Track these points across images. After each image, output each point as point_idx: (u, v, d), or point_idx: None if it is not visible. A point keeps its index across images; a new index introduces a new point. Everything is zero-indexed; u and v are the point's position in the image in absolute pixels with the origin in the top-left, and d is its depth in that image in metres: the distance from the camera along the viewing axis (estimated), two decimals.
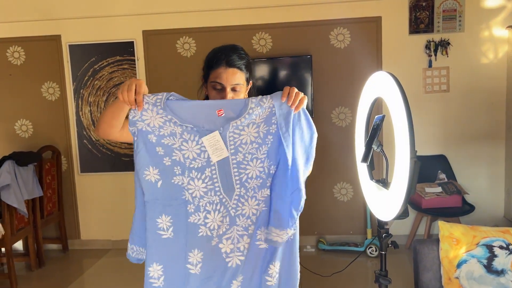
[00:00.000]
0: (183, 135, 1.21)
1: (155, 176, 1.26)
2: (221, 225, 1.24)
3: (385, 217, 1.37)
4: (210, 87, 1.45)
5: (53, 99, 4.16)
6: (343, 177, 4.02)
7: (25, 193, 3.52)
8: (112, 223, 4.27)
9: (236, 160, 1.23)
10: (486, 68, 3.81)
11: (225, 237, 1.25)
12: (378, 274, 1.44)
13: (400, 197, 1.24)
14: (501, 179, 3.92)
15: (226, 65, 1.41)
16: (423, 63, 3.83)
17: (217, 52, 1.46)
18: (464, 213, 3.54)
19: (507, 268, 2.11)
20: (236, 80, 1.41)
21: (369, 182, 1.52)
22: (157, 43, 4.02)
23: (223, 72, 1.40)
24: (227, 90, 1.40)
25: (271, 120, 1.23)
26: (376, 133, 1.38)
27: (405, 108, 1.19)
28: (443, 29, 3.78)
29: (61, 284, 3.52)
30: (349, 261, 3.42)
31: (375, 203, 1.46)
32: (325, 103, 3.96)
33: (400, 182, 1.24)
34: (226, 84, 1.40)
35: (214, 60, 1.44)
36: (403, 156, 1.22)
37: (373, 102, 1.47)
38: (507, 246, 2.15)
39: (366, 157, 1.40)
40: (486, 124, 3.87)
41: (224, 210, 1.25)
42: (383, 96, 1.34)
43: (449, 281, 2.19)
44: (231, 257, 1.26)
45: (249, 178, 1.24)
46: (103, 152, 4.17)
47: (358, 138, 1.59)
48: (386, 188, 1.35)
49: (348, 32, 3.86)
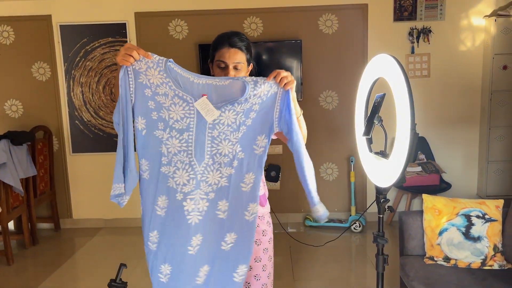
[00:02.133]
0: (174, 99, 1.37)
1: (142, 125, 1.41)
2: (187, 184, 1.41)
3: (384, 184, 1.55)
4: (215, 66, 1.62)
5: (44, 79, 4.17)
6: (329, 158, 4.22)
7: (21, 172, 3.57)
8: (104, 202, 4.34)
9: (211, 134, 1.40)
10: (464, 55, 4.05)
11: (189, 197, 1.42)
12: (376, 234, 1.62)
13: (400, 165, 1.42)
14: (475, 159, 4.20)
15: (228, 45, 1.59)
16: (406, 49, 4.04)
17: (221, 35, 1.65)
18: (441, 190, 3.80)
19: (483, 235, 2.35)
20: (237, 59, 1.59)
21: (368, 154, 1.69)
22: (149, 25, 4.08)
23: (226, 51, 1.59)
24: (230, 67, 1.58)
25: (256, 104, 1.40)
26: (377, 109, 1.55)
27: (407, 85, 1.36)
28: (425, 17, 3.98)
29: (56, 261, 3.60)
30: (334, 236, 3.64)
31: (374, 172, 1.63)
32: (313, 86, 4.12)
33: (400, 151, 1.41)
34: (229, 62, 1.58)
35: (219, 42, 1.62)
36: (404, 128, 1.39)
37: (374, 82, 1.63)
38: (483, 215, 2.38)
39: (368, 131, 1.56)
40: (462, 108, 4.13)
41: (192, 172, 1.41)
42: (385, 76, 1.50)
43: (431, 247, 2.41)
44: (191, 216, 1.43)
45: (218, 153, 1.41)
46: (95, 132, 4.22)
47: (358, 115, 1.75)
48: (386, 158, 1.52)
49: (336, 18, 4.02)
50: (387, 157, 1.52)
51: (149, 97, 1.37)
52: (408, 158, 1.37)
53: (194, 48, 4.06)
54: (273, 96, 1.40)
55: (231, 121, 1.38)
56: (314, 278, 3.18)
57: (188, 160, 1.40)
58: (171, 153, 1.40)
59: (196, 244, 1.44)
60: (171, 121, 1.38)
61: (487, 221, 2.37)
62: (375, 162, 1.63)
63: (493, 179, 4.06)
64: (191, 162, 1.40)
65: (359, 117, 1.75)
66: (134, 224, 4.34)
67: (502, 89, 3.93)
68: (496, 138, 4.00)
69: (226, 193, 1.43)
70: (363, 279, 3.25)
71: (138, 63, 1.36)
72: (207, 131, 1.39)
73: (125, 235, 4.17)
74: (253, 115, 1.40)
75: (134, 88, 1.38)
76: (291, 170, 4.23)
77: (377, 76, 1.59)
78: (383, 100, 1.55)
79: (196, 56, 4.06)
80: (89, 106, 4.19)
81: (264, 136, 1.42)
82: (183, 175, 1.41)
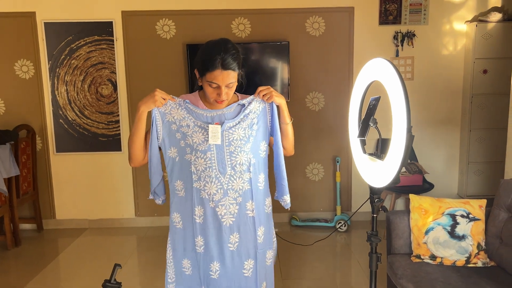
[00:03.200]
0: (194, 128, 1.67)
1: (174, 153, 1.71)
2: (216, 193, 1.68)
3: (378, 185, 1.59)
4: (207, 85, 1.63)
5: (27, 77, 4.09)
6: (315, 158, 4.28)
7: (4, 171, 3.50)
8: (89, 202, 4.29)
9: (229, 150, 1.67)
10: (446, 59, 4.17)
11: (220, 204, 1.69)
12: (370, 233, 1.66)
13: (395, 166, 1.46)
14: (455, 161, 4.33)
15: (221, 68, 1.58)
16: (391, 52, 4.13)
17: (213, 54, 1.59)
18: (424, 190, 3.90)
19: (467, 233, 2.43)
20: (230, 80, 1.61)
21: (362, 155, 1.73)
22: (136, 24, 4.05)
23: (219, 75, 1.59)
24: (222, 87, 1.61)
25: (255, 118, 1.71)
26: (372, 111, 1.59)
27: (403, 88, 1.40)
28: (410, 21, 4.08)
29: (40, 262, 3.54)
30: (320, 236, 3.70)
31: (368, 173, 1.68)
32: (300, 88, 4.17)
33: (395, 152, 1.45)
34: (222, 84, 1.60)
35: (211, 63, 1.58)
36: (400, 130, 1.44)
37: (368, 85, 1.67)
38: (467, 215, 2.46)
39: (363, 133, 1.60)
40: (444, 110, 4.25)
41: (219, 183, 1.68)
42: (380, 79, 1.54)
43: (418, 246, 2.48)
44: (225, 218, 1.70)
45: (238, 164, 1.68)
46: (79, 132, 4.16)
47: (352, 117, 1.79)
48: (381, 159, 1.57)
49: (323, 20, 4.08)
50: (382, 158, 1.56)
51: (175, 130, 1.68)
52: (404, 159, 1.42)
53: (182, 48, 4.05)
54: (264, 109, 1.71)
55: (241, 136, 1.68)
56: (302, 277, 3.22)
57: (214, 174, 1.66)
58: (199, 171, 1.67)
59: (235, 241, 1.71)
60: (195, 145, 1.65)
61: (471, 220, 2.45)
62: (369, 163, 1.67)
63: (473, 180, 4.19)
64: (217, 175, 1.66)
65: (353, 119, 1.79)
66: (119, 224, 4.30)
67: (482, 93, 4.06)
68: (476, 140, 4.13)
69: (250, 194, 1.71)
70: (349, 277, 3.31)
71: (164, 106, 1.67)
72: (225, 148, 1.66)
73: (110, 236, 4.13)
74: (256, 127, 1.70)
75: (162, 127, 1.69)
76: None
77: (372, 79, 1.63)
78: (378, 103, 1.59)
79: (183, 56, 4.05)
80: (74, 105, 4.13)
81: (264, 141, 1.74)
82: (212, 187, 1.67)
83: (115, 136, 4.17)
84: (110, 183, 4.26)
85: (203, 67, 1.61)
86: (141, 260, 3.65)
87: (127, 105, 4.15)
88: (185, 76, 4.10)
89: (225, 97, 1.64)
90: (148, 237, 4.08)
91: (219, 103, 1.66)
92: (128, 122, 4.17)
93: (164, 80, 4.10)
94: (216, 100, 1.65)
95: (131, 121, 4.16)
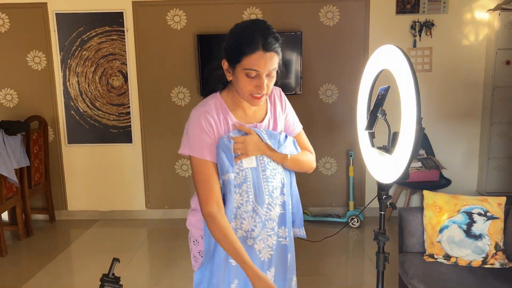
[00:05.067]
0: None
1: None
2: (254, 229, 1.45)
3: (387, 180, 1.50)
4: (242, 74, 1.32)
5: (39, 68, 4.09)
6: (327, 152, 4.17)
7: (14, 162, 3.51)
8: (100, 194, 4.30)
9: (265, 175, 1.45)
10: (466, 50, 3.99)
11: (258, 239, 1.46)
12: (378, 232, 1.57)
13: (404, 161, 1.36)
14: (475, 155, 4.16)
15: (263, 49, 1.28)
16: (408, 43, 3.97)
17: (251, 33, 1.29)
18: (441, 186, 3.76)
19: (485, 233, 2.31)
20: (273, 65, 1.32)
21: (370, 149, 1.63)
22: (147, 14, 4.00)
23: (261, 58, 1.28)
24: (263, 77, 1.32)
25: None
26: (381, 102, 1.49)
27: (413, 78, 1.30)
28: (428, 10, 3.91)
29: (51, 253, 3.56)
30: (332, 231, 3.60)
31: (376, 168, 1.58)
32: (313, 79, 4.06)
33: (404, 146, 1.35)
34: (264, 71, 1.31)
35: (249, 43, 1.28)
36: (409, 122, 1.34)
37: (378, 74, 1.57)
38: (485, 213, 2.34)
39: (371, 125, 1.51)
40: (464, 103, 4.08)
41: (257, 217, 1.45)
42: (389, 67, 1.44)
43: (431, 245, 2.37)
44: (263, 253, 1.48)
45: (274, 189, 1.48)
46: (90, 123, 4.16)
47: (360, 108, 1.69)
48: (389, 153, 1.47)
49: (338, 10, 3.95)
50: (391, 152, 1.47)
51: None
52: (413, 153, 1.32)
53: (193, 39, 3.98)
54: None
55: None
56: (311, 274, 3.14)
57: (251, 207, 1.43)
58: (235, 208, 1.43)
59: (271, 276, 1.50)
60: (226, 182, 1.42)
61: (488, 219, 2.32)
62: (378, 157, 1.57)
63: (493, 176, 4.02)
64: (255, 208, 1.43)
65: (361, 111, 1.69)
66: (130, 216, 4.29)
67: (505, 85, 3.87)
68: (497, 134, 3.96)
69: (284, 219, 1.51)
70: (360, 275, 3.22)
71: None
72: (261, 174, 1.44)
73: (120, 228, 4.13)
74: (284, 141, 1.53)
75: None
76: None
77: (381, 68, 1.53)
78: (387, 93, 1.49)
79: (194, 47, 3.98)
80: (85, 96, 4.12)
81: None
82: (250, 223, 1.44)
83: (126, 128, 4.14)
84: (121, 175, 4.25)
85: (237, 51, 1.30)
86: (151, 252, 3.63)
87: (138, 97, 4.11)
88: (195, 68, 4.03)
89: (265, 90, 1.34)
90: (158, 229, 4.05)
91: (256, 99, 1.36)
92: (139, 114, 4.13)
93: (175, 72, 4.04)
94: (253, 94, 1.35)
95: (142, 113, 4.13)
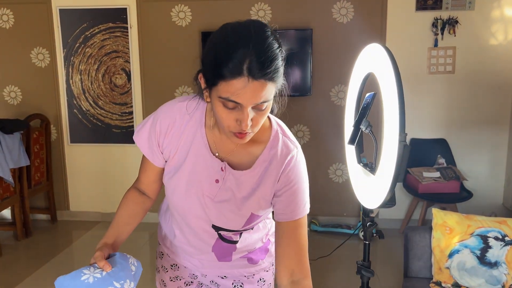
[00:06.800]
0: None
1: None
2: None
3: (370, 205, 1.26)
4: (219, 104, 0.95)
5: (43, 65, 4.01)
6: (339, 158, 3.90)
7: (10, 162, 3.43)
8: (102, 195, 4.19)
9: None
10: (494, 50, 3.63)
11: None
12: (361, 265, 1.33)
13: (387, 184, 1.12)
14: (502, 166, 3.79)
15: (249, 75, 0.89)
16: (429, 42, 3.65)
17: (235, 46, 0.90)
18: (461, 199, 3.43)
19: (501, 260, 2.01)
20: (263, 97, 0.92)
21: (356, 165, 1.40)
22: (151, 10, 3.84)
23: (245, 87, 0.89)
24: (247, 110, 0.93)
25: None
26: (365, 112, 1.25)
27: (397, 83, 1.05)
28: (452, 6, 3.58)
29: (48, 254, 3.46)
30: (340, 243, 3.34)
31: (361, 188, 1.34)
32: (324, 80, 3.80)
33: (387, 167, 1.11)
34: (247, 104, 0.92)
35: (229, 62, 0.89)
36: (391, 139, 1.10)
37: (364, 78, 1.33)
38: (503, 237, 2.04)
39: (354, 139, 1.27)
40: (490, 108, 3.72)
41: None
42: (374, 71, 1.20)
43: (439, 271, 2.09)
44: None
45: None
46: (93, 122, 4.04)
47: (348, 117, 1.46)
48: (373, 173, 1.23)
49: (352, 5, 3.67)
50: (375, 172, 1.23)
51: None
52: (396, 176, 1.08)
53: (198, 36, 3.80)
54: None
55: None
56: None
57: None
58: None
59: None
60: None
61: (507, 244, 2.02)
62: (363, 176, 1.33)
63: None
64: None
65: (349, 120, 1.45)
66: None
67: None
68: None
69: None
70: None
71: None
72: None
73: None
74: None
75: None
76: None
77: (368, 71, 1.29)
78: (372, 102, 1.25)
79: (199, 44, 3.80)
80: (88, 95, 4.01)
81: None
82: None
83: (129, 128, 4.01)
84: (124, 177, 4.12)
85: (214, 71, 0.92)
86: (152, 255, 3.47)
87: (141, 96, 3.97)
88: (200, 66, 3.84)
89: (250, 129, 0.96)
90: None
91: (239, 137, 0.98)
92: (142, 114, 3.99)
93: (179, 70, 3.87)
94: (235, 132, 0.98)
95: (145, 114, 3.98)
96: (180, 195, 1.15)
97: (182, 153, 1.12)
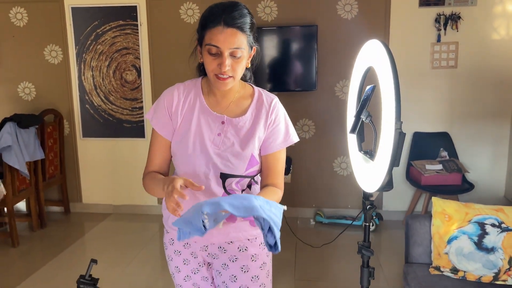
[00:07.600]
0: None
1: None
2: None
3: (369, 189, 1.36)
4: (205, 52, 1.26)
5: (56, 62, 4.14)
6: (343, 151, 3.99)
7: (26, 155, 3.56)
8: (113, 188, 4.32)
9: None
10: (497, 45, 3.70)
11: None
12: (361, 245, 1.43)
13: (384, 168, 1.22)
14: (504, 158, 3.87)
15: (224, 24, 1.21)
16: (432, 37, 3.73)
17: (213, 7, 1.26)
18: (463, 191, 3.52)
19: (498, 246, 2.11)
20: (236, 43, 1.22)
21: (357, 153, 1.50)
22: (160, 8, 3.95)
23: (221, 32, 1.21)
24: (225, 55, 1.23)
25: None
26: (366, 103, 1.35)
27: (393, 75, 1.15)
28: (455, 2, 3.65)
29: (62, 244, 3.60)
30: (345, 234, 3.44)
31: (361, 174, 1.45)
32: (329, 75, 3.89)
33: (385, 153, 1.22)
34: (224, 47, 1.22)
35: (210, 17, 1.23)
36: (388, 127, 1.20)
37: (365, 72, 1.43)
38: (499, 224, 2.13)
39: (355, 128, 1.37)
40: (492, 102, 3.79)
41: None
42: (374, 65, 1.30)
43: (438, 256, 2.19)
44: None
45: None
46: (105, 117, 4.17)
47: (350, 109, 1.56)
48: (372, 159, 1.33)
49: (356, 2, 3.75)
50: (374, 158, 1.33)
51: None
52: (393, 161, 1.18)
53: None
54: None
55: None
56: (317, 278, 3.01)
57: None
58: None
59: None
60: None
61: (503, 231, 2.12)
62: (363, 163, 1.44)
63: None
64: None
65: (351, 111, 1.55)
66: (142, 211, 4.29)
67: None
68: None
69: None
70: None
71: None
72: None
73: (132, 222, 4.13)
74: None
75: None
76: (303, 163, 4.05)
77: (368, 65, 1.39)
78: (372, 93, 1.35)
79: None
80: (100, 90, 4.14)
81: None
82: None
83: (139, 122, 4.13)
84: (134, 170, 4.24)
85: (201, 26, 1.27)
86: (161, 246, 3.59)
87: (151, 92, 4.09)
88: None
89: (229, 70, 1.25)
90: None
91: (220, 79, 1.27)
92: None
93: (188, 66, 3.96)
94: (217, 74, 1.26)
95: None
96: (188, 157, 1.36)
97: (187, 119, 1.38)
